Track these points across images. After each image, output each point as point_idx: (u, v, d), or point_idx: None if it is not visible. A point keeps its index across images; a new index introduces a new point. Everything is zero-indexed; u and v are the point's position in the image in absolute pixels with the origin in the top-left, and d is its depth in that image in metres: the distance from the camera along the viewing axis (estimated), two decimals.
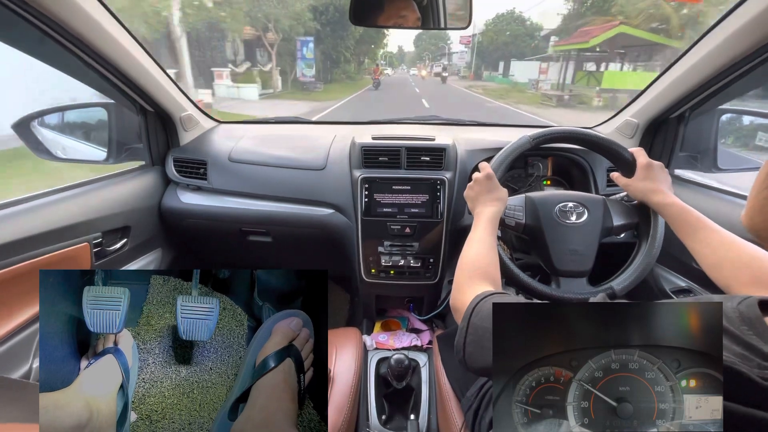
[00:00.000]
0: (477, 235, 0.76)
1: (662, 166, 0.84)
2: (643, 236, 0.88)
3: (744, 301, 0.37)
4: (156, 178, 1.26)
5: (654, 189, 0.81)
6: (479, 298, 0.55)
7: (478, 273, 0.67)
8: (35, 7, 0.72)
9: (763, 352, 0.32)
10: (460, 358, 0.54)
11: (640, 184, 0.84)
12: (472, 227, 0.80)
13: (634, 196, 0.86)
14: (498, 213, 0.81)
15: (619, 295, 0.83)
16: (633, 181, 0.85)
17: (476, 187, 0.85)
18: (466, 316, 0.55)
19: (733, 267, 0.62)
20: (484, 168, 0.86)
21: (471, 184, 0.87)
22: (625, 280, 0.84)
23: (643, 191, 0.83)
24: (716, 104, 1.05)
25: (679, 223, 0.74)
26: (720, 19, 0.84)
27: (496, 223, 0.80)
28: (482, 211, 0.81)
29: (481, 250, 0.72)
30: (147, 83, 1.06)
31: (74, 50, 0.85)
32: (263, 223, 1.26)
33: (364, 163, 1.16)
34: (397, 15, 0.95)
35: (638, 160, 0.85)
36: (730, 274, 0.63)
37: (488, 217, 0.79)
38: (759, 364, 0.32)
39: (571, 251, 0.87)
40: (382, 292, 1.32)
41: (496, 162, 0.89)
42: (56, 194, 0.92)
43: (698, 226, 0.71)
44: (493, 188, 0.84)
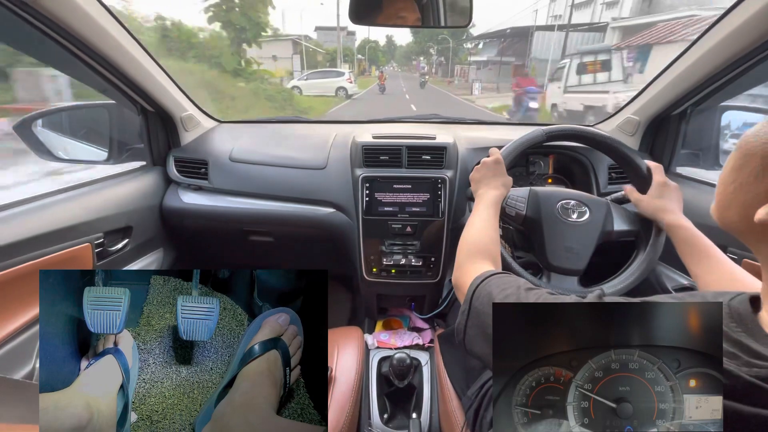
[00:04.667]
0: (478, 215, 0.76)
1: (677, 187, 0.82)
2: (642, 245, 0.87)
3: (736, 298, 0.37)
4: (157, 178, 1.27)
5: (667, 208, 0.79)
6: (480, 279, 0.55)
7: (479, 251, 0.67)
8: (36, 8, 0.72)
9: (751, 349, 0.32)
10: (460, 340, 0.54)
11: (653, 201, 0.82)
12: (473, 208, 0.80)
13: (644, 212, 0.85)
14: (500, 197, 0.82)
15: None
16: (646, 198, 0.83)
17: (483, 169, 0.86)
18: (467, 298, 0.55)
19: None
20: (494, 153, 0.87)
21: (478, 167, 0.87)
22: (617, 285, 0.84)
23: (656, 209, 0.81)
24: (718, 101, 1.05)
25: (687, 248, 0.73)
26: (721, 15, 0.84)
27: (498, 206, 0.80)
28: (486, 192, 0.82)
29: (481, 230, 0.72)
30: (147, 83, 1.07)
31: (75, 51, 0.86)
32: (264, 222, 1.26)
33: (365, 162, 1.16)
34: (396, 15, 0.94)
35: (655, 177, 0.83)
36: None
37: (491, 199, 0.79)
38: (747, 362, 0.32)
39: (566, 248, 0.87)
40: (384, 291, 1.32)
41: (507, 149, 0.89)
42: (58, 195, 0.92)
43: (707, 254, 0.69)
44: (500, 173, 0.84)
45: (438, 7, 1.00)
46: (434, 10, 1.00)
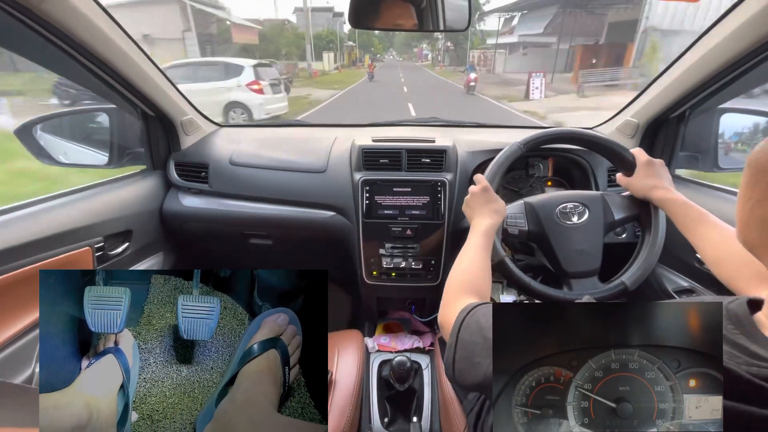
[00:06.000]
0: (469, 249, 0.75)
1: (662, 163, 0.84)
2: (645, 228, 0.88)
3: (734, 301, 0.37)
4: (157, 182, 1.27)
5: (655, 185, 0.81)
6: (466, 311, 0.54)
7: (466, 288, 0.66)
8: (37, 13, 0.73)
9: (750, 350, 0.33)
10: (450, 376, 0.53)
11: (641, 181, 0.84)
12: (467, 239, 0.79)
13: (635, 193, 0.87)
14: (494, 226, 0.81)
15: (631, 288, 0.84)
16: (634, 179, 0.86)
17: (472, 200, 0.86)
18: (454, 331, 0.53)
19: (734, 263, 0.62)
20: (479, 180, 0.86)
21: (467, 198, 0.87)
22: (635, 273, 0.85)
23: (645, 188, 0.83)
24: (716, 103, 1.05)
25: (680, 218, 0.74)
26: (719, 18, 0.84)
27: (491, 236, 0.79)
28: (479, 223, 0.81)
29: (471, 266, 0.72)
30: (148, 87, 1.07)
31: (76, 55, 0.86)
32: (264, 226, 1.26)
33: (365, 165, 1.17)
34: (393, 21, 0.95)
35: (638, 158, 0.85)
36: (732, 269, 0.63)
37: (483, 230, 0.79)
38: (747, 362, 0.32)
39: (578, 252, 0.87)
40: (384, 294, 1.32)
41: (489, 173, 0.89)
42: (58, 199, 0.92)
43: (700, 220, 0.71)
44: (491, 200, 0.84)
45: (436, 11, 1.01)
46: (433, 13, 1.00)
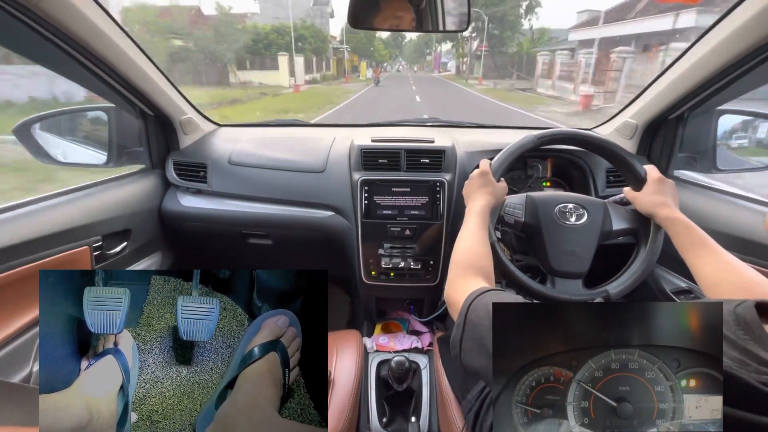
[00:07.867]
0: (467, 228, 0.77)
1: (673, 184, 0.84)
2: (642, 242, 0.88)
3: (741, 305, 0.37)
4: (156, 181, 1.27)
5: (663, 203, 0.80)
6: (475, 294, 0.55)
7: (471, 267, 0.68)
8: (35, 11, 0.72)
9: (759, 357, 0.32)
10: (456, 354, 0.54)
11: (649, 197, 0.83)
12: (464, 221, 0.80)
13: (640, 208, 0.86)
14: (487, 206, 0.82)
15: (614, 299, 0.83)
16: (642, 194, 0.85)
17: (470, 184, 0.88)
18: (462, 312, 0.54)
19: (732, 289, 0.61)
20: (482, 164, 0.88)
21: (467, 182, 0.89)
22: (621, 284, 0.84)
23: (652, 204, 0.82)
24: (715, 105, 1.05)
25: (683, 239, 0.74)
26: (718, 19, 0.85)
27: (486, 215, 0.81)
28: (472, 204, 0.83)
29: (471, 244, 0.73)
30: (147, 87, 1.07)
31: (75, 54, 0.86)
32: (263, 225, 1.26)
33: (364, 166, 1.17)
34: (392, 21, 0.96)
35: (650, 174, 0.85)
36: (728, 295, 0.62)
37: (477, 210, 0.80)
38: (756, 369, 0.32)
39: (568, 252, 0.87)
40: (383, 294, 1.32)
41: (498, 159, 0.90)
42: (56, 198, 0.92)
43: (702, 244, 0.70)
44: (487, 183, 0.85)
45: (436, 12, 1.01)
46: (432, 14, 1.00)
